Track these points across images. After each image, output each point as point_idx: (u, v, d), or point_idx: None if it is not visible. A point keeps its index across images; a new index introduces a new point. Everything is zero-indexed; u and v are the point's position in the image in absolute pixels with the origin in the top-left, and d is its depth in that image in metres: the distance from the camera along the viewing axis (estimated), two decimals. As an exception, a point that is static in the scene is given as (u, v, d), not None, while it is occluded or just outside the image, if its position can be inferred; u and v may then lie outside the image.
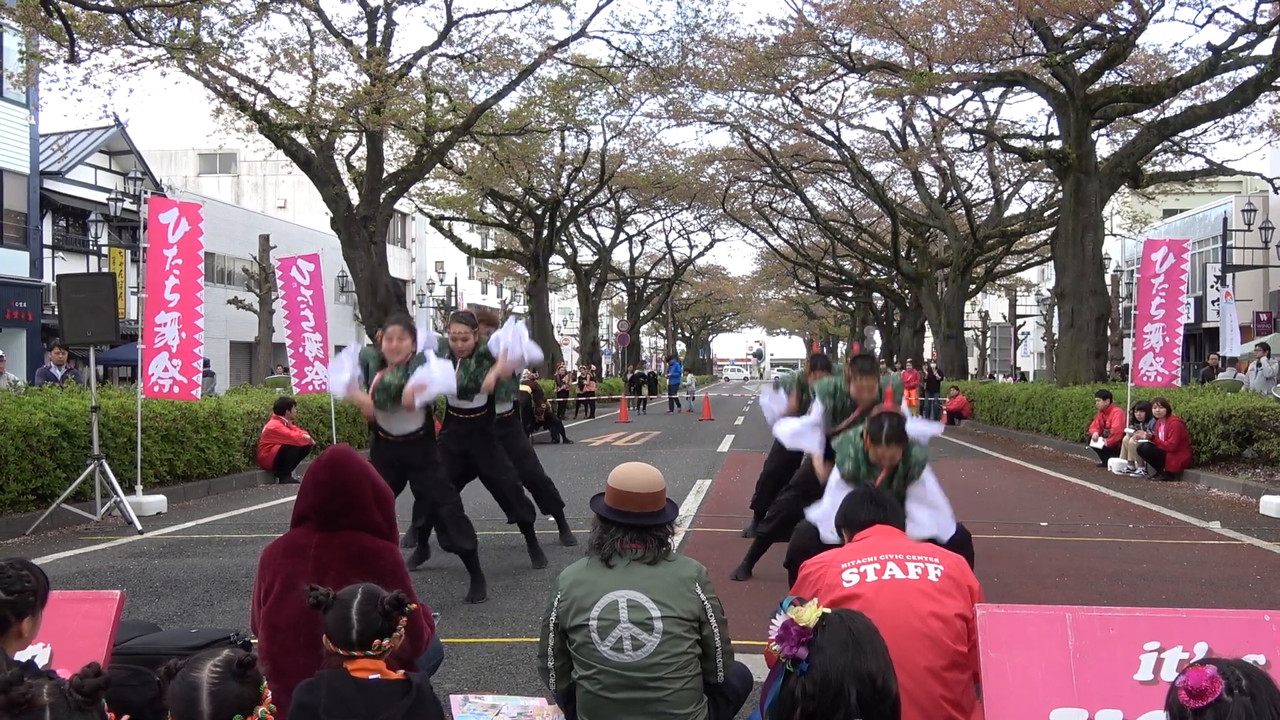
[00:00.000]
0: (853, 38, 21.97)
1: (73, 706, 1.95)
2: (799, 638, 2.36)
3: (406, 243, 47.44)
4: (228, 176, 45.48)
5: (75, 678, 1.99)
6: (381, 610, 2.64)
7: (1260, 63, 18.30)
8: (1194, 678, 2.02)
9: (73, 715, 1.95)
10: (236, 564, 7.36)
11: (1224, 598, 6.28)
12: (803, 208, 36.72)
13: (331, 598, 2.68)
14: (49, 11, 13.59)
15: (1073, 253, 19.51)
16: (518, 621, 5.66)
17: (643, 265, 52.38)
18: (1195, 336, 34.89)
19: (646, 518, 3.27)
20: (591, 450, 17.75)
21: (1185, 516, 9.80)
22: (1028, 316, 49.18)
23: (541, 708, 3.43)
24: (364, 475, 3.45)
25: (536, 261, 33.38)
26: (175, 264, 10.17)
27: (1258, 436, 12.05)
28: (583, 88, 24.55)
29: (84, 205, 28.39)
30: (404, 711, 2.56)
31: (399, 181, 21.82)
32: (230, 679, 2.08)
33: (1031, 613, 3.13)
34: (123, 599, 3.28)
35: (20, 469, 9.05)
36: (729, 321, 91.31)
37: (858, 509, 3.64)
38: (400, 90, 18.87)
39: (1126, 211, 34.55)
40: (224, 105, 18.38)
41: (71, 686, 1.97)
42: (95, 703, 1.98)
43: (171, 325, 10.16)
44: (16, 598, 2.57)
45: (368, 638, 2.62)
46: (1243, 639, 2.91)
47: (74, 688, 1.96)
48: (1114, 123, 23.04)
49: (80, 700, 1.96)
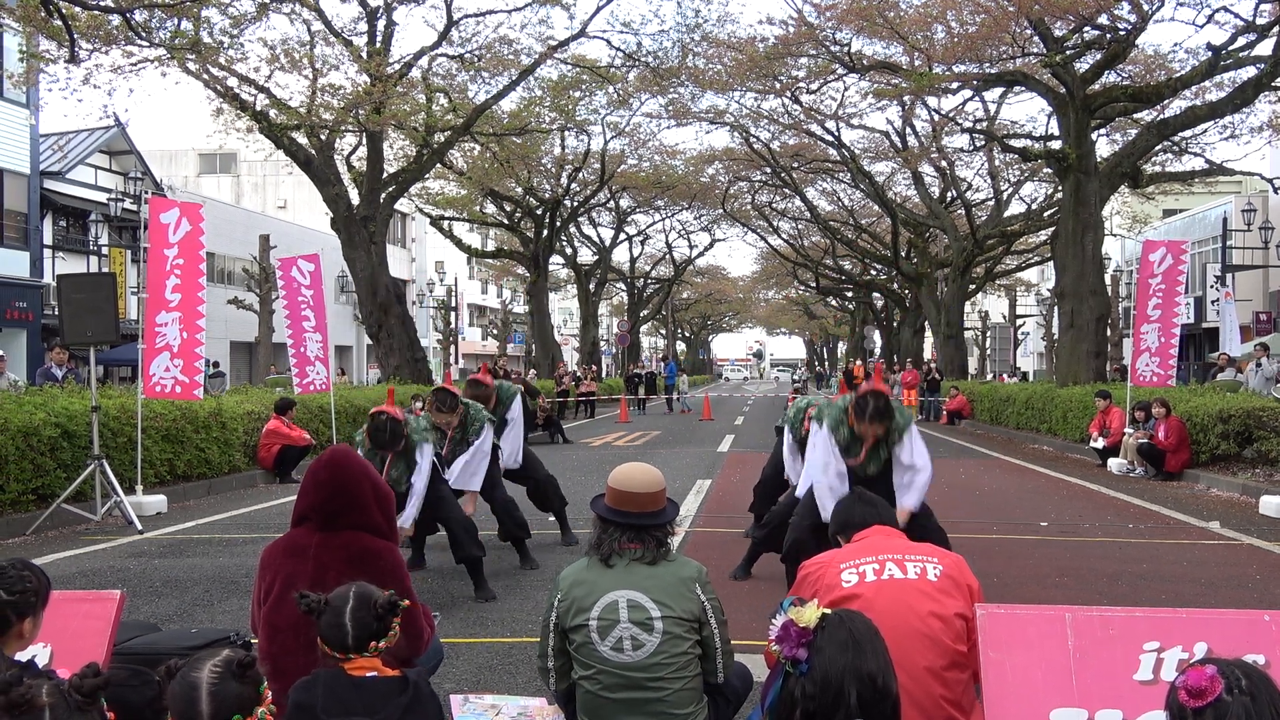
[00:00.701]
0: (853, 38, 21.97)
1: (72, 706, 1.95)
2: (799, 638, 2.36)
3: (406, 243, 47.44)
4: (228, 176, 45.49)
5: (74, 678, 1.99)
6: (375, 613, 2.64)
7: (1260, 63, 18.30)
8: (1194, 677, 2.03)
9: (72, 715, 1.95)
10: (236, 564, 7.36)
11: (1224, 598, 6.28)
12: (803, 208, 36.73)
13: (324, 603, 2.67)
14: (49, 11, 13.58)
15: (1073, 253, 19.51)
16: (518, 621, 5.66)
17: (643, 265, 52.39)
18: (1195, 336, 34.89)
19: (646, 518, 3.27)
20: (591, 450, 17.75)
21: (1185, 516, 9.80)
22: (1028, 316, 49.19)
23: (541, 708, 3.43)
24: (364, 475, 3.45)
25: (536, 261, 33.38)
26: (176, 264, 10.18)
27: (1257, 436, 12.05)
28: (583, 88, 24.56)
29: (84, 205, 28.39)
30: (401, 709, 2.57)
31: (399, 181, 21.83)
32: (230, 679, 2.08)
33: (1031, 613, 3.13)
34: (123, 599, 3.28)
35: (20, 469, 9.05)
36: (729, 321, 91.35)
37: (854, 511, 3.65)
38: (400, 90, 18.88)
39: (1126, 211, 34.55)
40: (224, 105, 18.39)
41: (71, 687, 1.97)
42: (95, 703, 1.98)
43: (173, 325, 10.16)
44: (18, 598, 2.58)
45: (363, 641, 2.62)
46: (1243, 639, 2.91)
47: (73, 688, 1.97)
48: (1114, 123, 23.04)
49: (80, 700, 1.96)
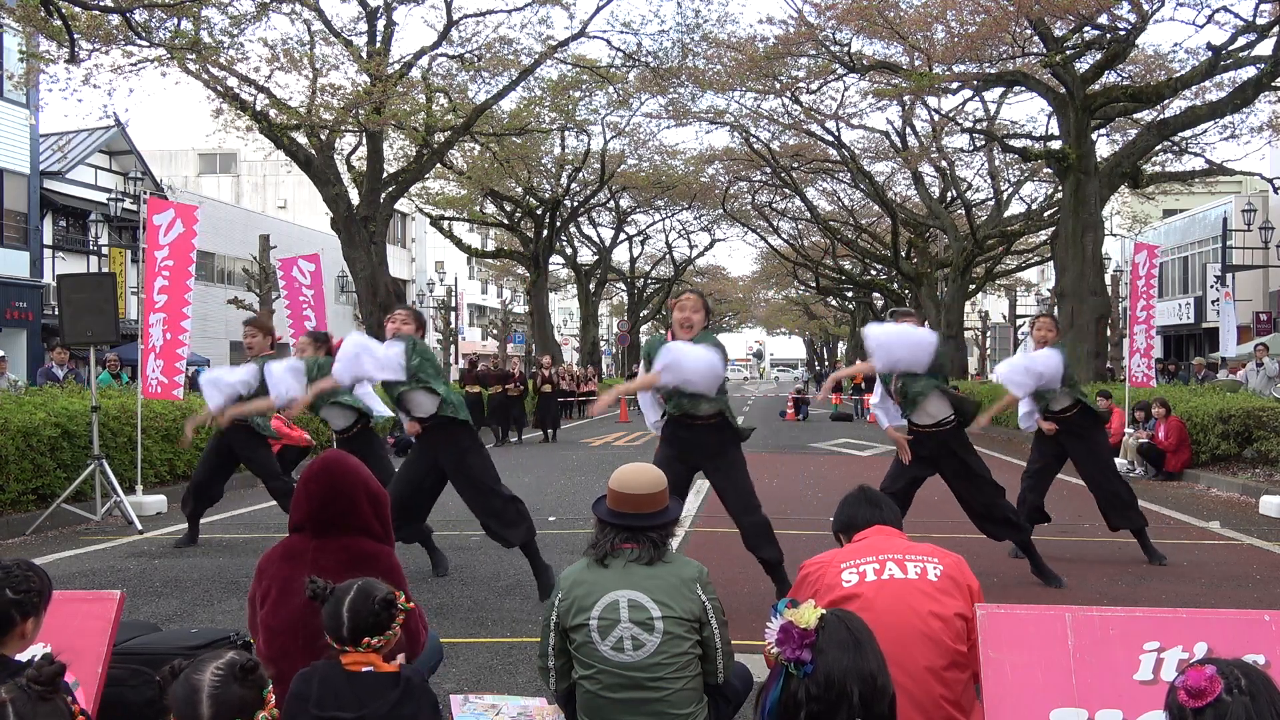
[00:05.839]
0: (853, 38, 21.98)
1: (33, 697, 1.95)
2: (801, 639, 2.36)
3: (406, 243, 47.43)
4: (228, 176, 45.48)
5: (31, 669, 2.00)
6: (372, 608, 2.67)
7: (1260, 63, 18.31)
8: (1193, 678, 2.02)
9: (35, 706, 1.95)
10: (236, 564, 7.36)
11: (1224, 598, 6.27)
12: (803, 208, 36.72)
13: (329, 590, 2.74)
14: (49, 11, 13.58)
15: (1073, 253, 19.51)
16: (518, 621, 5.66)
17: (643, 265, 52.37)
18: (1195, 336, 34.91)
19: (645, 518, 3.27)
20: (591, 450, 17.75)
21: (1185, 516, 9.80)
22: (1028, 316, 49.12)
23: (541, 708, 3.43)
24: (357, 480, 3.44)
25: (536, 261, 33.38)
26: (166, 264, 10.21)
27: (1257, 436, 12.05)
28: (583, 88, 24.55)
29: (84, 205, 28.39)
30: (391, 703, 2.59)
31: (399, 181, 21.83)
32: (232, 682, 2.08)
33: (1031, 613, 3.13)
34: (123, 599, 3.28)
35: (20, 469, 9.05)
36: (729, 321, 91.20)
37: (856, 510, 3.64)
38: (400, 90, 18.89)
39: (1126, 211, 34.56)
40: (224, 105, 18.39)
41: (28, 679, 1.97)
42: (55, 690, 1.99)
43: (157, 326, 10.20)
44: (23, 597, 2.58)
45: (358, 634, 2.65)
46: (1243, 639, 2.91)
47: (30, 679, 1.97)
48: (1114, 123, 23.05)
49: (40, 690, 1.96)
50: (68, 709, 2.03)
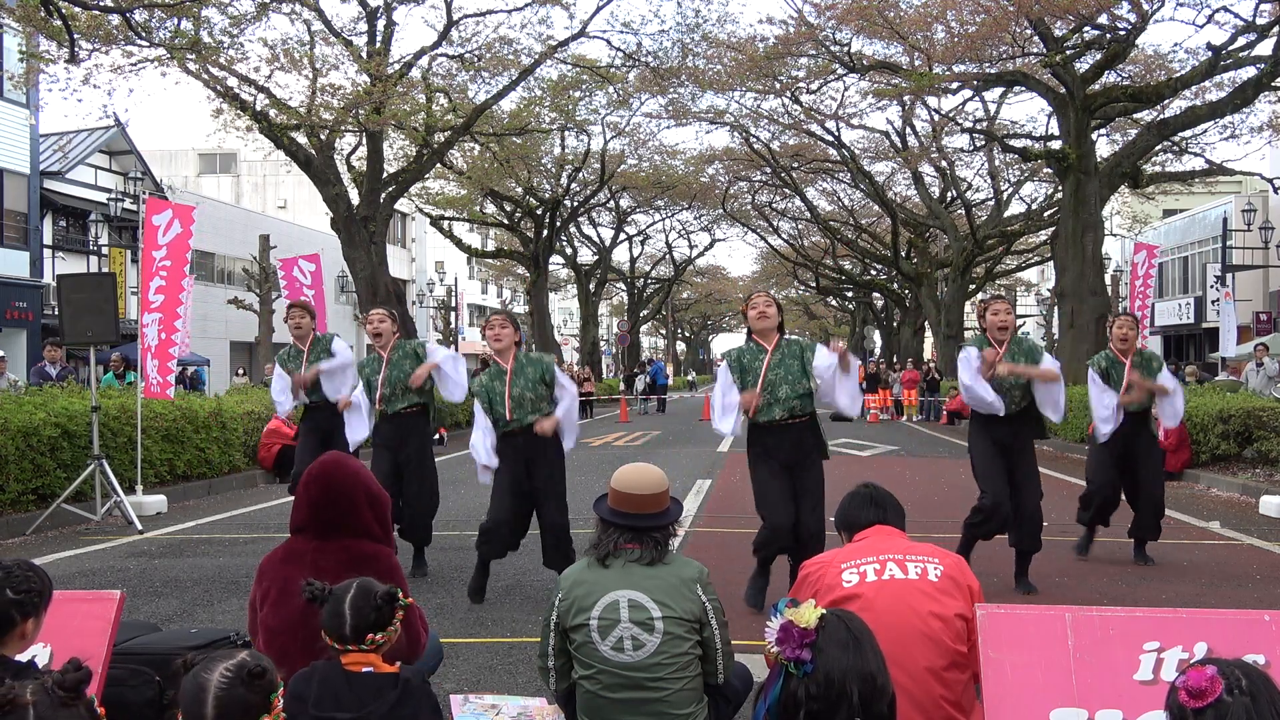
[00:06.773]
0: (853, 38, 21.99)
1: (56, 703, 1.95)
2: (801, 639, 2.36)
3: (406, 243, 47.43)
4: (228, 176, 45.48)
5: (57, 674, 1.99)
6: (374, 604, 2.68)
7: (1260, 63, 18.31)
8: (1194, 678, 2.03)
9: (57, 712, 1.94)
10: (236, 564, 7.36)
11: (1224, 598, 6.27)
12: (803, 208, 36.74)
13: (327, 592, 2.74)
14: (49, 11, 13.58)
15: (1073, 253, 19.51)
16: (518, 621, 5.66)
17: (643, 265, 52.40)
18: (1195, 336, 34.93)
19: (647, 519, 3.27)
20: (592, 450, 17.75)
21: (1185, 516, 9.79)
22: (1028, 316, 49.18)
23: (541, 708, 3.43)
24: (356, 482, 3.44)
25: (536, 261, 33.38)
26: (163, 265, 10.25)
27: (1257, 436, 12.05)
28: (583, 88, 24.55)
29: (84, 205, 28.38)
30: (391, 704, 2.58)
31: (399, 181, 21.84)
32: (238, 685, 2.08)
33: (1031, 613, 3.13)
34: (123, 599, 3.27)
35: (20, 469, 9.05)
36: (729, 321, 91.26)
37: (858, 510, 3.64)
38: (400, 90, 18.89)
39: (1126, 211, 34.56)
40: (224, 105, 18.39)
41: (54, 683, 1.97)
42: (79, 697, 1.98)
43: (152, 326, 10.22)
44: (24, 597, 2.58)
45: (361, 631, 2.65)
46: (1243, 639, 2.91)
47: (57, 684, 1.96)
48: (1114, 123, 23.05)
49: (63, 696, 1.96)
50: (91, 714, 2.02)
